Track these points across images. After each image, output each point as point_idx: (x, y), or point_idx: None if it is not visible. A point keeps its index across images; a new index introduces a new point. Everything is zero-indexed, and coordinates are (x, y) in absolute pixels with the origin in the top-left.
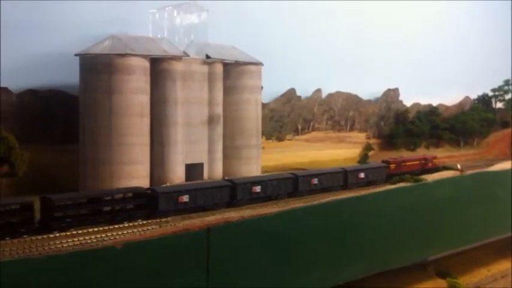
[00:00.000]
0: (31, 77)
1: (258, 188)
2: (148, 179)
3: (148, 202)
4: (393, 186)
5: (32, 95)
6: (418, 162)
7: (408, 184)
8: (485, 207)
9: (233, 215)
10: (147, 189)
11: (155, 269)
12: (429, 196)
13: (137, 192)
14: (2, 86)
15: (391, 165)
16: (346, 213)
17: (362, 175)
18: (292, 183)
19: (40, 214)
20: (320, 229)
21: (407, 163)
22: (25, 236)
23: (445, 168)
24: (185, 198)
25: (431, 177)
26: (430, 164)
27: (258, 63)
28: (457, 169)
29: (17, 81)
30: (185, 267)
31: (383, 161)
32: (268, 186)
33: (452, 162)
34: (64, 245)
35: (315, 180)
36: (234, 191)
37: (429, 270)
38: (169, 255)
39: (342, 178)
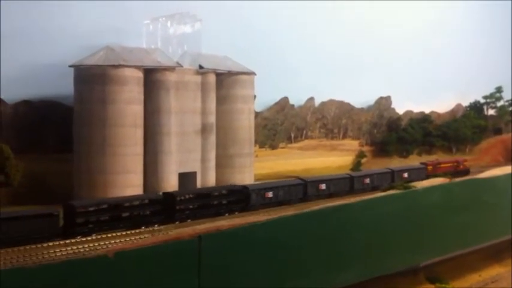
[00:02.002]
0: (26, 88)
1: (323, 186)
2: (141, 188)
3: (243, 198)
4: (383, 194)
5: (27, 105)
6: (451, 164)
7: (398, 191)
8: (475, 213)
9: (224, 223)
10: (241, 186)
11: (147, 278)
12: (419, 203)
13: (233, 189)
14: None
15: (428, 167)
16: (336, 221)
17: (406, 175)
18: (349, 182)
19: (163, 207)
20: (310, 236)
21: (442, 165)
22: (156, 225)
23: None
24: (270, 194)
25: (420, 185)
26: (461, 166)
27: (251, 73)
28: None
29: (11, 92)
30: (177, 276)
31: (421, 163)
32: (331, 184)
33: None
34: (57, 254)
35: (367, 180)
36: (305, 188)
37: (420, 276)
38: (161, 263)
39: (389, 178)
